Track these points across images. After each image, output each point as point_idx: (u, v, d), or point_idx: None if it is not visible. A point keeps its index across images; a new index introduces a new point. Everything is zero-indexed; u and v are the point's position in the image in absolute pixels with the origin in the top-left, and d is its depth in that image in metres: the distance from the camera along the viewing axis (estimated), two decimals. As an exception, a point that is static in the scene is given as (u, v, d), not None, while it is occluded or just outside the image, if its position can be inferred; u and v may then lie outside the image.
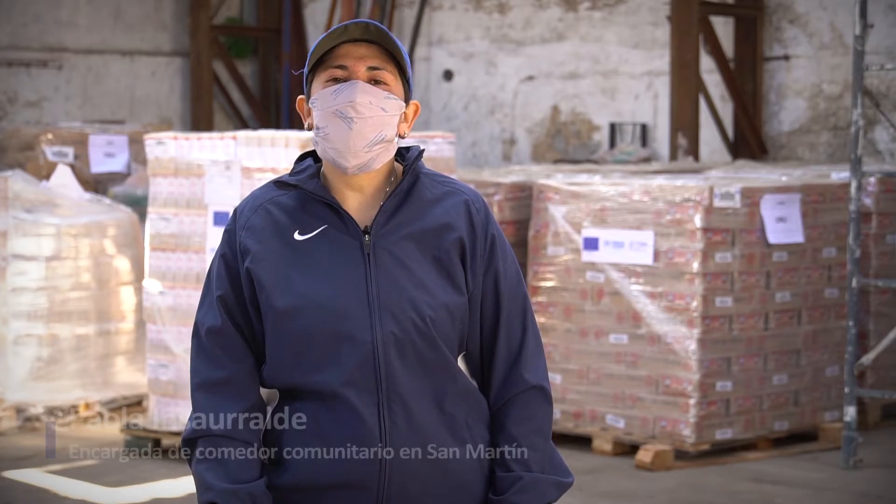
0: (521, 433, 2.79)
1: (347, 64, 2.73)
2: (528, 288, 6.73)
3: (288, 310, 2.72)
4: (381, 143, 2.74)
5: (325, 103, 2.73)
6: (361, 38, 2.73)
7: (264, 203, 2.81)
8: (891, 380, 8.28)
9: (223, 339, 2.78)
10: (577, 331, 7.69)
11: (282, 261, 2.75)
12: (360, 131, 2.71)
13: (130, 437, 7.59)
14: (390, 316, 2.71)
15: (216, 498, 2.72)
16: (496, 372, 2.81)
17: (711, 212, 7.36)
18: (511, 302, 2.82)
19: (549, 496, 2.79)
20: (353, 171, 2.74)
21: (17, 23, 13.03)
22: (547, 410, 2.83)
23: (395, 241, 2.75)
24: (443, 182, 2.84)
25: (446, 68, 13.75)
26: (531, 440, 2.79)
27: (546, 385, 2.84)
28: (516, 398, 2.80)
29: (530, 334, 2.83)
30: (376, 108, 2.72)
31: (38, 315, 8.29)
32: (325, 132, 2.74)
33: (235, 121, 14.41)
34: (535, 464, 2.79)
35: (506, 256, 2.83)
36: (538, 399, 2.82)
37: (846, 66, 10.91)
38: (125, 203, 9.18)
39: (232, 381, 2.77)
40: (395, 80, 2.77)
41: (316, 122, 2.76)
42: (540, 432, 2.81)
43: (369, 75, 2.74)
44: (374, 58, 2.74)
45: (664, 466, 7.26)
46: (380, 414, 2.70)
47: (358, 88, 2.71)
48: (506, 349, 2.81)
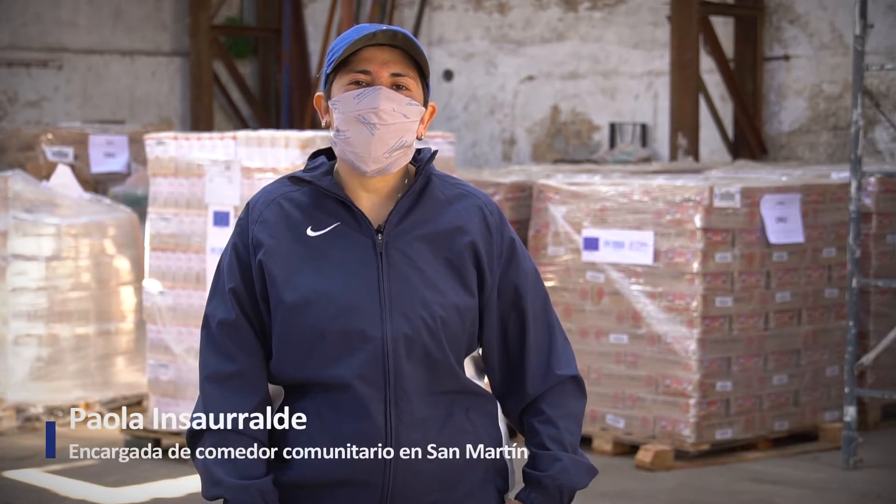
0: (558, 415, 2.83)
1: (371, 69, 2.74)
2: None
3: (298, 304, 2.72)
4: (400, 148, 2.75)
5: (347, 107, 2.74)
6: (387, 43, 2.74)
7: (277, 198, 2.81)
8: (891, 380, 8.28)
9: (235, 331, 2.77)
10: (577, 331, 7.69)
11: (294, 256, 2.76)
12: (381, 138, 2.73)
13: (130, 437, 7.59)
14: (402, 315, 2.72)
15: (226, 493, 2.72)
16: (530, 368, 2.84)
17: (711, 212, 7.36)
18: (535, 301, 2.85)
19: (583, 479, 2.83)
20: (371, 174, 2.75)
21: (17, 23, 13.03)
22: (581, 400, 2.88)
23: (408, 241, 2.77)
24: (454, 184, 2.86)
25: (446, 68, 13.75)
26: (567, 423, 2.84)
27: (579, 375, 2.89)
28: (553, 389, 2.85)
29: (557, 329, 2.88)
30: (399, 114, 2.74)
31: (38, 315, 8.29)
32: (346, 135, 2.75)
33: (235, 121, 14.42)
34: (571, 446, 2.82)
35: (525, 257, 2.86)
36: (574, 389, 2.87)
37: (846, 66, 10.91)
38: (125, 203, 9.18)
39: (243, 374, 2.77)
40: (417, 85, 2.78)
41: (337, 123, 2.77)
42: (573, 417, 2.86)
43: (392, 81, 2.74)
44: (398, 63, 2.75)
45: (664, 466, 7.26)
46: (386, 411, 2.71)
47: (382, 95, 2.72)
48: (536, 347, 2.84)
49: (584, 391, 2.89)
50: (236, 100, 14.49)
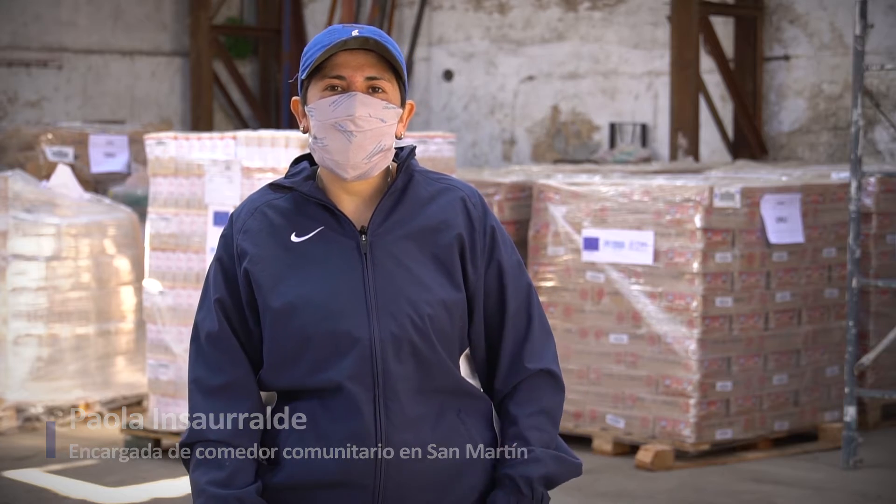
0: (524, 412, 2.78)
1: (345, 74, 2.72)
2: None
3: (285, 309, 2.72)
4: (380, 152, 2.74)
5: (323, 115, 2.73)
6: (359, 48, 2.72)
7: (260, 206, 2.81)
8: (891, 380, 8.28)
9: (222, 343, 2.78)
10: (577, 331, 7.69)
11: (279, 262, 2.75)
12: (359, 144, 2.72)
13: (130, 437, 7.59)
14: (388, 314, 2.71)
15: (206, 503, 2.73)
16: (502, 361, 2.81)
17: (711, 212, 7.36)
18: (516, 293, 2.82)
19: (548, 468, 2.76)
20: (352, 179, 2.75)
21: (17, 23, 13.03)
22: (554, 393, 2.82)
23: (393, 240, 2.76)
24: (437, 179, 2.85)
25: (446, 68, 13.75)
26: (535, 419, 2.78)
27: (554, 369, 2.82)
28: (522, 384, 2.80)
29: (536, 322, 2.83)
30: (375, 119, 2.72)
31: (38, 315, 8.29)
32: (323, 143, 2.74)
33: (235, 121, 14.42)
34: (537, 441, 2.77)
35: (507, 248, 2.83)
36: (545, 382, 2.81)
37: (846, 66, 10.91)
38: (125, 203, 9.18)
39: (231, 385, 2.77)
40: (393, 86, 2.76)
41: (314, 130, 2.76)
42: (544, 413, 2.80)
43: (367, 85, 2.73)
44: (372, 67, 2.73)
45: (664, 466, 7.26)
46: (376, 412, 2.70)
47: (357, 101, 2.71)
48: (512, 339, 2.81)
49: (558, 384, 2.82)
50: (236, 100, 14.49)
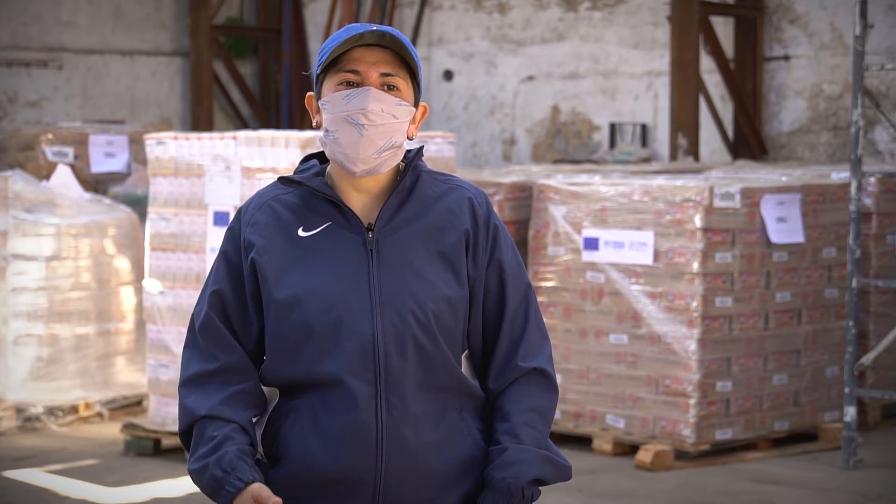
0: (516, 409, 2.78)
1: (360, 69, 2.74)
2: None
3: (289, 301, 2.73)
4: (390, 149, 2.76)
5: (336, 108, 2.75)
6: (376, 44, 2.73)
7: (269, 200, 2.83)
8: (891, 380, 8.28)
9: (214, 332, 2.79)
10: (577, 331, 7.69)
11: (285, 255, 2.77)
12: (370, 138, 2.73)
13: (130, 437, 7.60)
14: (392, 309, 2.72)
15: (192, 474, 2.75)
16: (496, 359, 2.81)
17: (711, 212, 7.36)
18: (515, 293, 2.83)
19: (538, 470, 2.75)
20: (360, 174, 2.76)
21: (17, 23, 13.03)
22: (547, 393, 2.81)
23: (399, 237, 2.77)
24: (444, 180, 2.87)
25: (446, 68, 13.75)
26: (526, 416, 2.78)
27: (547, 368, 2.82)
28: (515, 382, 2.80)
29: (532, 323, 2.83)
30: (387, 115, 2.74)
31: (38, 315, 8.29)
32: (334, 136, 2.76)
33: (235, 121, 14.42)
34: (528, 438, 2.76)
35: (508, 247, 2.85)
36: (538, 381, 2.81)
37: (846, 66, 10.91)
38: (125, 203, 9.18)
39: (222, 370, 2.78)
40: (407, 85, 2.78)
41: (326, 124, 2.78)
42: (536, 411, 2.79)
43: (382, 81, 2.75)
44: (387, 63, 2.75)
45: (664, 466, 7.26)
46: (377, 407, 2.71)
47: (370, 96, 2.72)
48: (508, 338, 2.81)
49: (552, 385, 2.82)
50: (236, 100, 14.49)
